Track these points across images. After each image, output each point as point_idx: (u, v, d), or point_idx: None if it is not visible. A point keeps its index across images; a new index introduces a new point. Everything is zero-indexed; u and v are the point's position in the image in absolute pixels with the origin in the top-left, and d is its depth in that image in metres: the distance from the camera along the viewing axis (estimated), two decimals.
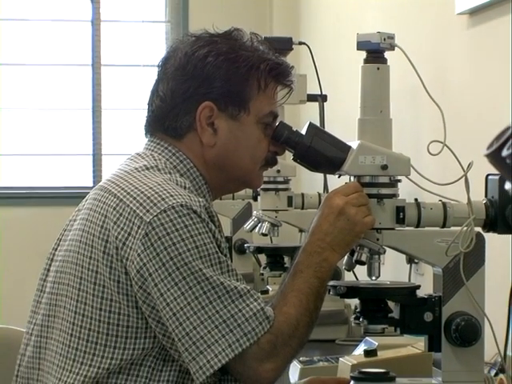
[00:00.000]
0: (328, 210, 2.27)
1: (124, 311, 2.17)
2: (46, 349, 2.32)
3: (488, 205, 2.34)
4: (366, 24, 3.87)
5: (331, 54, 4.64)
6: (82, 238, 2.24)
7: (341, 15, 4.92)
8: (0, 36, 6.01)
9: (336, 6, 5.05)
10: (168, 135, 2.36)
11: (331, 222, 2.26)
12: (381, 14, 4.25)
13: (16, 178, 6.00)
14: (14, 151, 6.01)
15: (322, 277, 2.23)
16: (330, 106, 4.13)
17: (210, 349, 2.09)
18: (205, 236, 2.15)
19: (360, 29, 2.55)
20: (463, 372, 2.30)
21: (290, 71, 2.42)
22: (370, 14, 4.41)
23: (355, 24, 4.12)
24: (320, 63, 4.16)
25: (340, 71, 4.21)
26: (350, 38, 2.53)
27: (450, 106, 2.58)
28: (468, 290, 2.30)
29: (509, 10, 3.01)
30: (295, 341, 2.18)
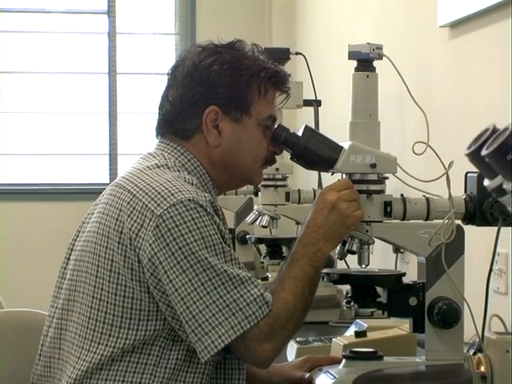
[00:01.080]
0: (322, 205, 2.28)
1: (137, 296, 2.17)
2: (66, 330, 2.32)
3: (467, 200, 2.34)
4: (357, 36, 3.87)
5: (325, 63, 4.63)
6: (99, 229, 2.25)
7: (334, 28, 4.92)
8: (29, 48, 6.00)
9: (329, 19, 5.05)
10: (177, 136, 2.36)
11: (325, 215, 2.26)
12: (370, 27, 4.25)
13: (41, 176, 6.00)
14: (39, 151, 6.01)
15: (316, 265, 2.24)
16: (324, 110, 4.13)
17: (215, 330, 2.10)
18: (210, 228, 2.15)
19: (351, 40, 2.54)
20: (445, 351, 2.30)
21: (287, 79, 2.42)
22: (360, 26, 4.40)
23: (347, 36, 4.12)
24: (315, 71, 4.16)
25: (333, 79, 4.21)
26: (342, 48, 2.52)
27: (432, 111, 2.57)
28: (449, 277, 2.30)
29: (486, 23, 3.01)
30: (292, 323, 2.18)
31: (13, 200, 5.91)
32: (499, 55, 2.94)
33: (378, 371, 2.28)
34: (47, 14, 6.03)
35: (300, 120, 4.50)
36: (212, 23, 5.67)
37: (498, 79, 2.93)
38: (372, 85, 2.45)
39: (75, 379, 2.23)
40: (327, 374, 2.31)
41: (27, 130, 6.01)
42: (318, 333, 2.94)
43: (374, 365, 2.30)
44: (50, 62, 6.02)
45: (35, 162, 6.03)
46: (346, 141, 2.37)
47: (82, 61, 6.05)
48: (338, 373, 2.29)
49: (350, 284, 2.39)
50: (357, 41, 2.49)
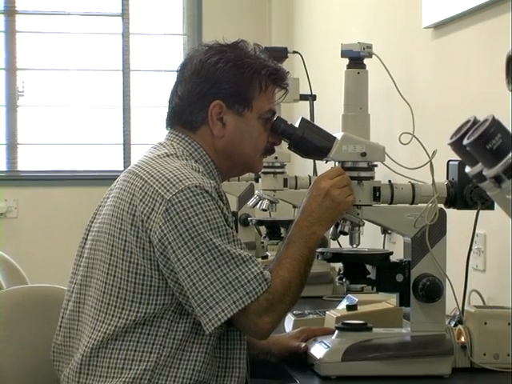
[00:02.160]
0: (316, 192, 2.28)
1: (147, 273, 2.18)
2: (84, 304, 2.33)
3: (449, 185, 2.34)
4: (349, 36, 3.86)
5: (320, 60, 4.62)
6: (114, 212, 2.25)
7: (327, 28, 4.91)
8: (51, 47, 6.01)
9: (324, 21, 5.04)
10: (185, 128, 2.37)
11: (319, 202, 2.27)
12: (361, 28, 4.24)
13: (62, 163, 6.00)
14: (60, 141, 6.01)
15: (310, 247, 2.24)
16: (319, 104, 4.13)
17: (218, 305, 2.11)
18: (214, 212, 2.15)
19: (343, 40, 2.54)
20: (428, 323, 2.31)
21: (286, 76, 2.42)
22: (352, 27, 4.40)
23: (339, 36, 4.11)
24: (310, 68, 4.15)
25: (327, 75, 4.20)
26: (335, 47, 2.52)
27: (417, 104, 2.56)
28: (432, 256, 2.30)
29: (466, 24, 3.00)
30: (288, 298, 2.19)
31: (36, 186, 5.91)
32: (478, 54, 2.94)
33: (367, 341, 2.28)
34: (67, 17, 6.02)
35: (297, 113, 4.49)
36: (217, 24, 5.66)
37: (477, 76, 2.93)
38: (362, 81, 2.45)
39: (91, 348, 2.24)
40: (321, 343, 2.32)
41: (49, 122, 6.00)
42: (313, 306, 2.94)
43: (364, 335, 2.31)
44: (70, 60, 6.01)
45: (56, 150, 6.02)
46: (339, 132, 2.37)
47: (98, 59, 6.05)
48: (331, 342, 2.30)
49: (342, 262, 2.39)
50: (349, 40, 2.49)
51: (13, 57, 5.94)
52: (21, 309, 2.65)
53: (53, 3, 6.02)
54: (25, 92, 5.98)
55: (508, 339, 2.30)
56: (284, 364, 2.39)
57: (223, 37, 2.40)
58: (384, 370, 2.23)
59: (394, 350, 2.27)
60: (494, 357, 2.29)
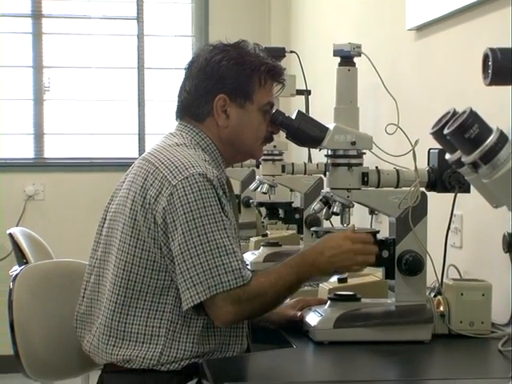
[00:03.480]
0: (337, 246, 2.21)
1: (152, 250, 2.19)
2: (103, 277, 2.34)
3: (430, 171, 2.34)
4: (340, 37, 3.84)
5: (314, 59, 4.61)
6: (128, 195, 2.25)
7: (321, 30, 4.90)
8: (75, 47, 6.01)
9: (317, 23, 5.03)
10: (192, 119, 2.36)
11: (332, 258, 2.21)
12: (351, 30, 4.23)
13: (84, 151, 6.01)
14: (82, 131, 6.01)
15: (299, 280, 2.22)
16: (313, 98, 4.12)
17: (195, 287, 2.11)
18: (212, 199, 2.15)
19: (335, 40, 2.53)
20: (411, 294, 2.30)
21: (282, 72, 2.42)
22: (343, 29, 4.39)
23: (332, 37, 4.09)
24: (305, 66, 4.14)
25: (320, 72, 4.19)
26: (328, 47, 2.52)
27: (401, 98, 2.55)
28: (414, 234, 2.29)
29: (446, 26, 2.99)
30: (257, 304, 2.17)
31: (60, 171, 5.92)
32: (456, 53, 2.93)
33: (356, 310, 2.28)
34: (88, 20, 6.02)
35: (294, 106, 4.47)
36: (222, 26, 5.66)
37: (455, 72, 2.92)
38: (352, 77, 2.45)
39: (107, 317, 2.26)
40: (315, 312, 2.32)
41: (72, 114, 5.99)
42: None
43: (353, 305, 2.30)
44: (91, 59, 6.01)
45: (79, 140, 6.02)
46: (331, 123, 2.37)
47: (115, 58, 6.04)
48: (324, 311, 2.29)
49: None
50: (340, 41, 2.49)
51: (39, 56, 5.93)
52: (47, 281, 2.66)
53: (75, 8, 6.01)
54: (50, 87, 5.98)
55: (482, 308, 2.30)
56: (282, 331, 2.38)
57: (226, 37, 2.40)
58: (371, 336, 2.23)
59: (380, 318, 2.26)
60: (470, 324, 2.29)
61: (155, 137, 5.59)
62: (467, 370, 2.08)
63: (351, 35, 4.06)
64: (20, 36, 5.96)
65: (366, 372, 2.07)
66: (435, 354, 2.20)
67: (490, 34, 2.63)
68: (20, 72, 5.96)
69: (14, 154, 5.96)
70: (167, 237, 2.16)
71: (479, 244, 2.69)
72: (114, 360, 2.25)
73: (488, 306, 2.30)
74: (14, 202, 5.75)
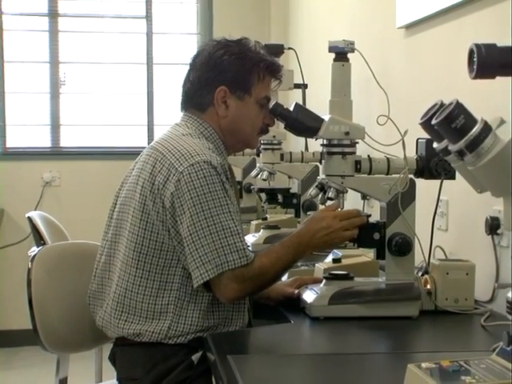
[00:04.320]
0: (326, 226, 2.22)
1: (160, 232, 2.19)
2: (114, 257, 2.34)
3: (418, 159, 2.34)
4: (335, 34, 3.83)
5: (310, 55, 4.59)
6: (138, 181, 2.25)
7: (317, 28, 4.89)
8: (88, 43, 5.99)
9: (314, 21, 5.01)
10: (195, 109, 2.36)
11: (323, 235, 2.22)
12: (345, 28, 4.22)
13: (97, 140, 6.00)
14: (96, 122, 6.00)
15: (295, 258, 2.23)
16: (310, 91, 4.11)
17: (203, 266, 2.11)
18: (217, 185, 2.14)
19: (330, 37, 2.53)
20: (400, 273, 2.30)
21: (280, 69, 2.42)
22: (337, 27, 4.37)
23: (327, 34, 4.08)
24: (302, 62, 4.14)
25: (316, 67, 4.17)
26: (324, 44, 2.51)
27: (392, 91, 2.54)
28: (404, 218, 2.29)
29: (433, 25, 2.98)
30: (259, 281, 2.18)
31: (75, 159, 5.93)
32: (442, 50, 2.92)
33: (349, 288, 2.28)
34: (101, 19, 6.00)
35: (292, 99, 4.46)
36: (225, 25, 5.63)
37: (442, 67, 2.91)
38: (346, 72, 2.44)
39: (119, 294, 2.26)
40: (312, 290, 2.32)
41: (86, 106, 5.99)
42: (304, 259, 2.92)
43: (347, 283, 2.30)
44: (103, 55, 6.00)
45: (92, 130, 6.01)
46: (327, 114, 2.36)
47: (126, 54, 6.03)
48: (319, 289, 2.29)
49: None
50: (335, 38, 2.49)
51: (56, 52, 5.92)
52: (62, 261, 2.66)
53: (89, 7, 5.99)
54: (66, 82, 5.97)
55: (466, 286, 2.30)
56: (280, 307, 2.38)
57: (229, 34, 2.39)
58: (363, 312, 2.23)
59: (371, 295, 2.26)
60: (455, 301, 2.29)
61: (163, 127, 5.58)
62: (452, 343, 2.08)
63: (345, 33, 4.06)
64: (38, 34, 5.94)
65: (359, 345, 2.07)
66: (422, 328, 2.20)
67: (474, 32, 2.62)
68: (38, 67, 5.94)
69: (33, 143, 5.95)
70: (175, 220, 2.16)
71: (463, 227, 2.69)
72: (124, 334, 2.25)
73: (471, 285, 2.31)
74: (32, 187, 5.76)
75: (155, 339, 2.21)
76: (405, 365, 1.47)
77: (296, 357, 1.88)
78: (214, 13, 5.98)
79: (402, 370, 1.47)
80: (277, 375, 1.75)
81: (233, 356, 1.77)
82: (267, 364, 1.82)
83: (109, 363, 2.42)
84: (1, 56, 5.82)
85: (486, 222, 2.41)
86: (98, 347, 3.13)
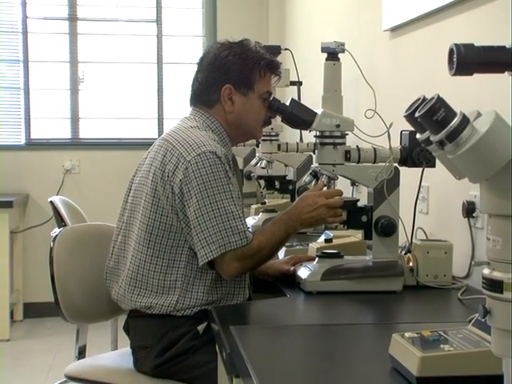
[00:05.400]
0: (312, 203, 2.22)
1: (169, 215, 2.19)
2: (128, 237, 2.34)
3: (402, 149, 2.33)
4: (327, 36, 3.81)
5: (305, 55, 4.57)
6: (150, 169, 2.25)
7: (311, 31, 4.87)
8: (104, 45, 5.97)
9: (308, 25, 4.99)
10: (203, 105, 2.35)
11: (309, 211, 2.21)
12: (336, 30, 4.20)
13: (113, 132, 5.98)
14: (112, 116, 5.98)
15: (288, 234, 2.22)
16: (304, 88, 4.10)
17: (208, 246, 2.11)
18: (221, 173, 2.14)
19: (323, 39, 2.51)
20: (385, 252, 2.30)
21: (279, 65, 2.41)
22: (329, 29, 4.36)
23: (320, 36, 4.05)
24: (298, 61, 4.12)
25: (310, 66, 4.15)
26: (317, 45, 2.49)
27: (378, 88, 2.53)
28: (389, 202, 2.29)
29: (416, 28, 2.97)
30: (257, 258, 2.18)
31: (93, 149, 5.91)
32: (424, 50, 2.91)
33: (340, 265, 2.27)
34: (116, 22, 5.98)
35: (288, 95, 4.45)
36: (228, 28, 5.62)
37: (424, 66, 2.90)
38: (337, 70, 2.43)
39: (132, 271, 2.26)
40: (306, 267, 2.31)
41: (103, 101, 5.97)
42: (299, 240, 2.93)
43: (338, 261, 2.30)
44: (118, 55, 5.98)
45: (108, 123, 5.99)
46: (319, 109, 2.35)
47: (138, 54, 6.01)
48: (313, 266, 2.29)
49: None
50: (327, 39, 2.47)
51: (75, 53, 5.90)
52: (81, 241, 2.66)
53: (105, 12, 5.97)
54: (84, 79, 5.95)
55: (444, 264, 2.29)
56: (277, 283, 2.38)
57: (232, 36, 2.38)
58: (352, 287, 2.22)
59: (359, 272, 2.26)
60: (434, 277, 2.29)
61: (172, 120, 5.58)
62: (432, 315, 2.08)
63: (336, 35, 4.04)
64: (59, 36, 5.92)
65: (348, 317, 2.06)
66: (405, 302, 2.20)
67: (453, 34, 2.61)
68: (59, 66, 5.92)
69: (54, 134, 5.93)
70: (183, 204, 2.15)
71: (443, 210, 2.69)
72: (137, 307, 2.25)
73: (449, 262, 2.30)
74: (54, 175, 5.76)
75: (165, 311, 2.21)
76: (389, 334, 1.46)
77: (292, 327, 1.88)
78: (218, 17, 5.97)
79: (387, 339, 1.46)
80: (274, 344, 1.75)
81: (235, 327, 1.77)
82: (266, 334, 1.81)
83: (123, 333, 2.43)
84: (26, 56, 5.81)
85: (463, 205, 2.40)
86: (114, 318, 3.13)
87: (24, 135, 5.84)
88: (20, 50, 5.81)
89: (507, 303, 0.97)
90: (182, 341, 2.20)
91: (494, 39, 0.97)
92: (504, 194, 0.97)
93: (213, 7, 5.98)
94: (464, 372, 1.30)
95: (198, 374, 2.20)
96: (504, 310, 0.98)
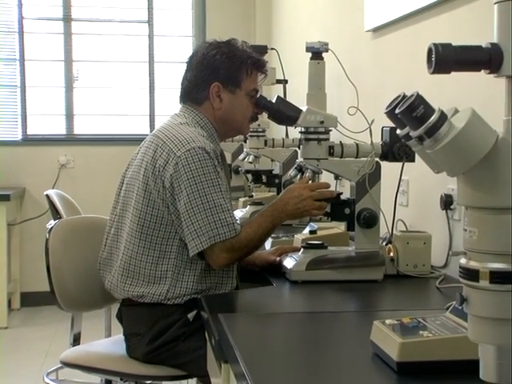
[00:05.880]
0: (298, 195, 2.22)
1: (160, 208, 2.18)
2: (120, 229, 2.33)
3: (383, 145, 2.33)
4: (311, 36, 3.81)
5: (290, 54, 4.56)
6: (142, 164, 2.24)
7: (296, 31, 4.87)
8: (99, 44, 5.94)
9: (293, 26, 4.99)
10: (193, 102, 2.34)
11: (295, 203, 2.21)
12: (320, 30, 4.20)
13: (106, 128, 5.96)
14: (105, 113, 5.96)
15: (274, 225, 2.22)
16: (290, 85, 4.09)
17: (198, 238, 2.11)
18: (210, 168, 2.13)
19: (307, 39, 2.51)
20: (367, 243, 2.30)
21: (265, 64, 2.40)
22: (313, 30, 4.36)
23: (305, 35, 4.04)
24: (283, 60, 4.11)
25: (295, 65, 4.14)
26: (302, 44, 2.49)
27: (361, 86, 2.53)
28: (370, 195, 2.28)
29: (396, 28, 2.97)
30: (245, 249, 2.18)
31: (87, 145, 5.89)
32: (404, 50, 2.91)
33: (324, 256, 2.27)
34: (109, 23, 5.96)
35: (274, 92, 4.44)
36: (216, 28, 5.61)
37: (404, 65, 2.90)
38: (321, 69, 2.43)
39: (125, 261, 2.26)
40: (291, 257, 2.31)
41: (96, 99, 5.95)
42: (285, 231, 2.93)
43: (322, 252, 2.30)
44: (111, 54, 5.96)
45: (102, 119, 5.98)
46: (304, 106, 2.34)
47: (131, 54, 5.99)
48: (298, 257, 2.28)
49: None
50: (311, 39, 2.47)
51: (69, 52, 5.87)
52: (76, 232, 2.65)
53: (99, 13, 5.94)
54: (78, 77, 5.93)
55: (423, 254, 2.30)
56: (264, 272, 2.38)
57: (219, 36, 2.37)
58: (335, 276, 2.22)
59: (342, 262, 2.26)
60: (414, 266, 2.29)
61: (163, 117, 5.56)
62: (411, 302, 2.08)
63: (320, 35, 4.04)
64: (54, 36, 5.89)
65: (332, 305, 2.06)
66: (386, 290, 2.20)
67: (431, 34, 2.61)
68: (54, 65, 5.90)
69: (50, 130, 5.91)
70: (174, 198, 2.14)
71: (422, 203, 2.69)
72: (129, 296, 2.25)
73: (428, 252, 2.31)
74: (49, 169, 5.74)
75: (156, 300, 2.20)
76: (371, 321, 1.46)
77: (278, 315, 1.88)
78: (207, 18, 5.96)
79: (369, 326, 1.46)
80: (261, 331, 1.74)
81: (223, 314, 1.76)
82: (253, 321, 1.81)
83: (116, 321, 2.42)
84: (22, 55, 5.79)
85: (441, 198, 2.41)
86: (107, 307, 3.13)
87: (20, 131, 5.82)
88: (16, 49, 5.79)
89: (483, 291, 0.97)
90: (172, 328, 2.20)
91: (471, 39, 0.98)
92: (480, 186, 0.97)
93: (202, 8, 5.97)
94: (442, 357, 1.30)
95: (188, 360, 2.20)
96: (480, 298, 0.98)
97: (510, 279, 0.96)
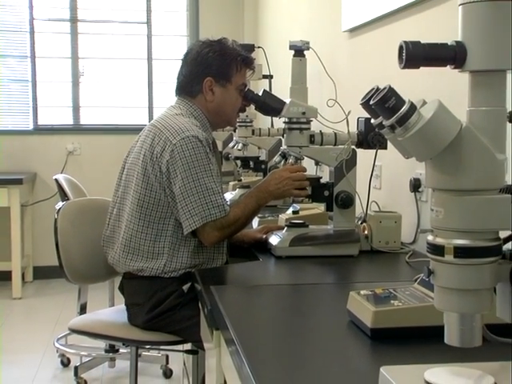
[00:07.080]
0: (278, 176, 2.22)
1: (157, 191, 2.17)
2: (122, 210, 2.32)
3: (358, 134, 2.32)
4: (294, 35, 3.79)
5: (275, 52, 4.55)
6: (141, 151, 2.23)
7: (280, 31, 4.84)
8: (102, 43, 5.88)
9: (278, 26, 4.96)
10: (187, 95, 2.33)
11: (276, 184, 2.21)
12: (302, 30, 4.18)
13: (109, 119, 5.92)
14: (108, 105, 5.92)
15: (259, 205, 2.21)
16: (275, 80, 4.08)
17: (191, 218, 2.11)
18: (203, 155, 2.12)
19: (291, 38, 2.49)
20: (344, 222, 2.30)
21: (253, 61, 2.39)
22: (296, 30, 4.33)
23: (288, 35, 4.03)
24: (269, 57, 4.10)
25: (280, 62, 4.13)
26: (285, 43, 2.47)
27: (339, 81, 2.52)
28: (347, 179, 2.28)
29: (371, 29, 2.96)
30: (233, 228, 2.17)
31: (92, 134, 5.85)
32: (378, 48, 2.89)
33: (305, 234, 2.27)
34: (112, 23, 5.90)
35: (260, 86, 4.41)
36: (208, 28, 5.60)
37: (378, 62, 2.89)
38: (303, 65, 2.42)
39: (126, 239, 2.25)
40: (276, 235, 2.30)
41: (101, 92, 5.91)
42: (270, 211, 2.92)
43: (303, 230, 2.30)
44: (113, 52, 5.91)
45: (106, 111, 5.93)
46: (288, 98, 2.33)
47: (131, 52, 5.94)
48: (282, 234, 2.28)
49: None
50: (294, 38, 2.46)
51: (76, 50, 5.83)
52: (82, 213, 2.64)
53: (102, 15, 5.89)
54: (84, 73, 5.90)
55: (394, 232, 2.30)
56: (252, 248, 2.37)
57: (212, 36, 2.35)
58: (316, 252, 2.22)
59: (322, 239, 2.26)
60: (386, 243, 2.29)
61: (160, 109, 5.52)
62: (384, 275, 2.09)
63: (302, 34, 4.02)
64: (61, 35, 5.84)
65: (312, 277, 2.06)
66: (361, 264, 2.20)
67: (403, 34, 2.60)
68: (62, 62, 5.85)
69: (58, 121, 5.87)
70: (170, 182, 2.13)
71: (393, 186, 2.69)
72: (130, 269, 2.24)
73: (399, 230, 2.31)
74: (58, 156, 5.72)
75: (154, 274, 2.20)
76: (347, 292, 1.46)
77: (264, 287, 1.87)
78: (200, 19, 5.93)
79: (345, 296, 1.46)
80: (249, 301, 1.74)
81: (215, 286, 1.76)
82: (241, 292, 1.81)
83: (118, 292, 2.42)
84: (33, 52, 5.75)
85: (410, 182, 2.41)
86: (110, 280, 3.13)
87: (32, 121, 5.78)
88: (28, 48, 5.74)
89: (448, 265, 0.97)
90: (169, 299, 2.20)
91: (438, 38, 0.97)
92: (446, 170, 0.97)
93: (196, 10, 5.93)
94: (411, 323, 1.30)
95: (184, 327, 2.20)
96: (445, 271, 0.98)
97: (472, 254, 0.96)
